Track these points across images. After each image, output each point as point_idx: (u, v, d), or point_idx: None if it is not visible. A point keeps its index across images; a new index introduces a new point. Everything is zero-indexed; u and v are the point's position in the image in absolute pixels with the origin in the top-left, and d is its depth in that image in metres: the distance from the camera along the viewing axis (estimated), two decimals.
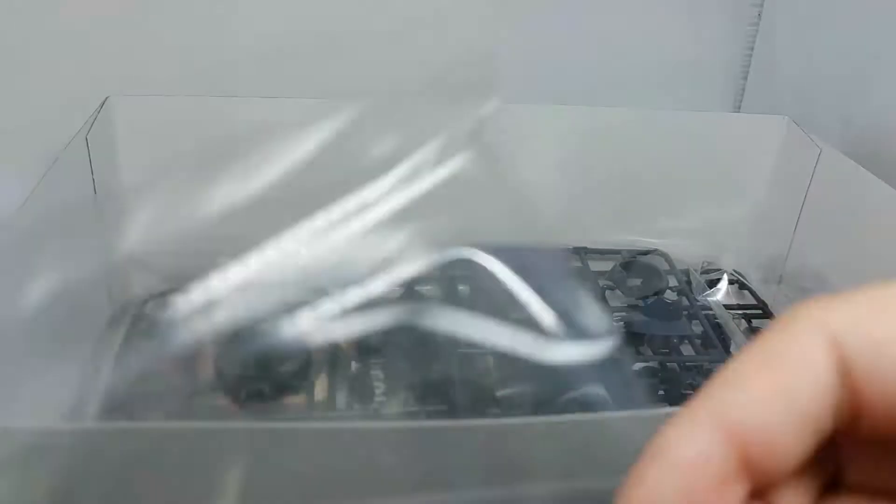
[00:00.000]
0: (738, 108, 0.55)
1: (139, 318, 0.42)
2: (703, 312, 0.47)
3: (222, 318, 0.29)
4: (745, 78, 0.54)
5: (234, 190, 0.48)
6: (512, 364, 0.37)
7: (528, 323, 0.25)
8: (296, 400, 0.38)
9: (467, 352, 0.40)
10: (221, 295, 0.29)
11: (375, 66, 0.51)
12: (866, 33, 0.49)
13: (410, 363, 0.42)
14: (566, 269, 0.50)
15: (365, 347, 0.43)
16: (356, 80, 0.51)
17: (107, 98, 0.45)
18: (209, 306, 0.29)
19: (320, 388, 0.39)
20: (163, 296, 0.43)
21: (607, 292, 0.49)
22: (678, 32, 0.53)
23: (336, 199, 0.50)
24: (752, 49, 0.53)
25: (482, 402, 0.36)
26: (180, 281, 0.31)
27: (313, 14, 0.49)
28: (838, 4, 0.51)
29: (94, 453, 0.23)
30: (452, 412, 0.36)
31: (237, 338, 0.33)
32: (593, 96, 0.53)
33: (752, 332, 0.47)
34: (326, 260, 0.49)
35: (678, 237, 0.52)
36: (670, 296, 0.49)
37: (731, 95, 0.55)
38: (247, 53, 0.49)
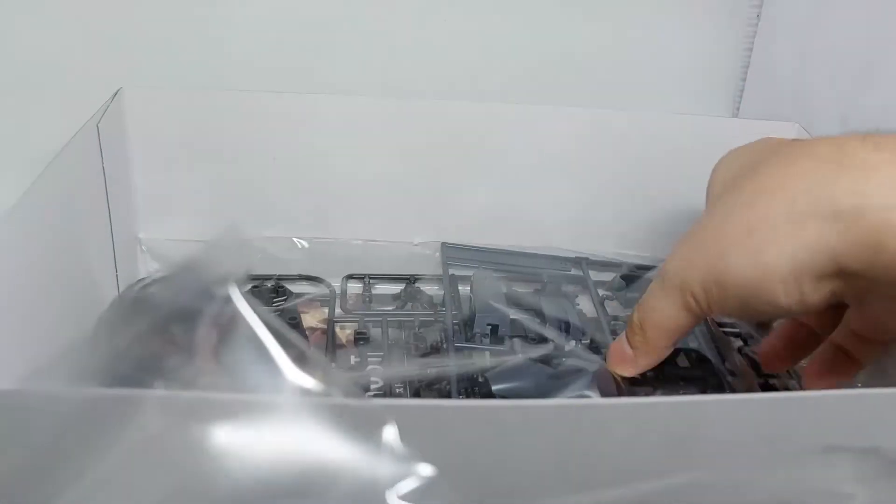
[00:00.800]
0: (736, 111, 0.55)
1: (140, 300, 0.42)
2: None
3: (223, 305, 0.30)
4: (744, 80, 0.54)
5: (241, 180, 0.49)
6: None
7: None
8: None
9: (463, 346, 0.41)
10: (224, 281, 0.29)
11: (378, 65, 0.51)
12: (865, 35, 0.49)
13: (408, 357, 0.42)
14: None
15: (363, 341, 0.43)
16: (362, 76, 0.52)
17: (119, 89, 0.46)
18: (211, 292, 0.29)
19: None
20: (164, 279, 0.43)
21: (606, 302, 0.49)
22: (676, 35, 0.53)
23: (341, 194, 0.50)
24: (750, 51, 0.53)
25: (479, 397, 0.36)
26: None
27: (324, 9, 0.50)
28: (837, 6, 0.51)
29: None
30: None
31: (236, 323, 0.33)
32: (592, 99, 0.53)
33: (747, 347, 0.47)
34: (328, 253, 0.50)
35: None
36: None
37: (730, 98, 0.55)
38: (258, 47, 0.50)
